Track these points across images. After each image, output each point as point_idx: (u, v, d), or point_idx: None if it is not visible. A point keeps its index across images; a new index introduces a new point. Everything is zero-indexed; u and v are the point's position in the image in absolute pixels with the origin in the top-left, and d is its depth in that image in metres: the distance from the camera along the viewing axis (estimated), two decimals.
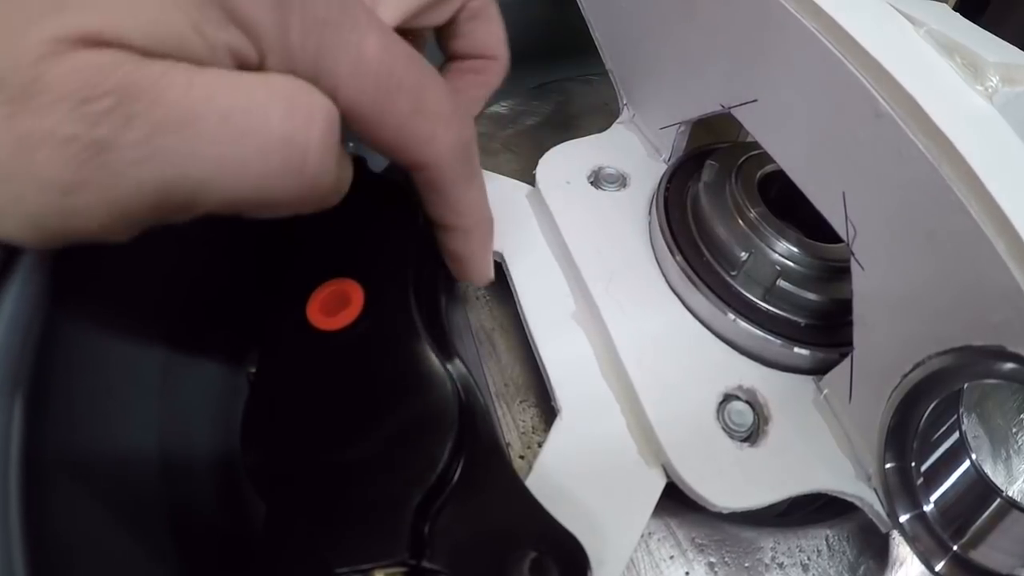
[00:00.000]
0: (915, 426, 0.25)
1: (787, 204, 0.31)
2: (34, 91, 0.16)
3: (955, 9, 0.29)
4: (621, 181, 0.38)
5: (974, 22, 0.28)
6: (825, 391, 0.29)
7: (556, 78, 0.55)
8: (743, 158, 0.33)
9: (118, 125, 0.16)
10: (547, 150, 0.39)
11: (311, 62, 0.20)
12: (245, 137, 0.18)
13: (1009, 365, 0.20)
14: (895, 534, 0.30)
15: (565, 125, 0.51)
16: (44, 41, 0.16)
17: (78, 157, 0.16)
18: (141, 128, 0.17)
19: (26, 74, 0.16)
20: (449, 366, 0.26)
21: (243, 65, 0.19)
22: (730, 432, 0.28)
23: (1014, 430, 0.34)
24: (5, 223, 0.17)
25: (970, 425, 0.30)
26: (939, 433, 0.26)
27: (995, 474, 0.33)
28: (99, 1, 0.16)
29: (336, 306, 0.28)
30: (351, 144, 0.35)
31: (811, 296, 0.29)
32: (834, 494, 0.28)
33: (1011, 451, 0.34)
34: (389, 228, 0.30)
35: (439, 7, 0.27)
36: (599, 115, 0.51)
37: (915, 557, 0.29)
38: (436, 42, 0.31)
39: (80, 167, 0.16)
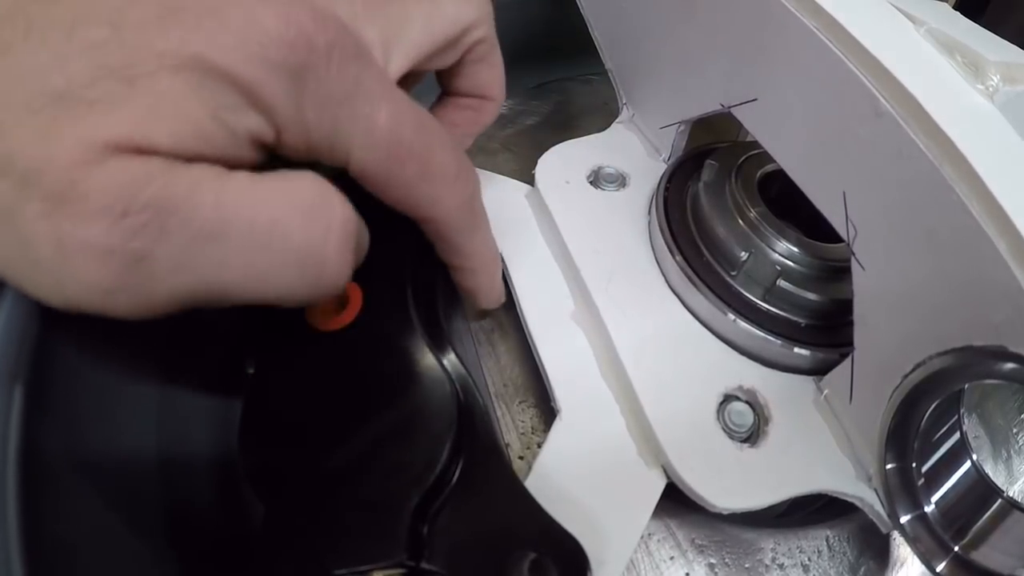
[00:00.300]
0: (916, 426, 0.24)
1: (787, 204, 0.30)
2: (72, 196, 0.16)
3: (955, 8, 0.29)
4: (620, 181, 0.37)
5: (974, 22, 0.28)
6: (825, 391, 0.29)
7: (555, 78, 0.55)
8: (743, 158, 0.33)
9: (154, 239, 0.17)
10: (546, 150, 0.39)
11: (326, 135, 0.21)
12: (267, 251, 0.19)
13: (1010, 365, 0.20)
14: (895, 535, 0.30)
15: (564, 125, 0.51)
16: (80, 145, 0.16)
17: (116, 267, 0.17)
18: (176, 242, 0.18)
19: (63, 177, 0.16)
20: (447, 367, 0.26)
21: (262, 145, 0.20)
22: (730, 433, 0.28)
23: (1015, 430, 0.34)
24: (43, 295, 0.18)
25: (971, 425, 0.30)
26: (940, 433, 0.26)
27: (996, 474, 0.33)
28: (126, 105, 0.17)
29: (335, 306, 0.28)
30: None
31: (811, 296, 0.29)
32: (835, 495, 0.27)
33: (1012, 451, 0.34)
34: (387, 228, 0.30)
35: (445, 53, 0.28)
36: (598, 115, 0.51)
37: (916, 558, 0.29)
38: (435, 77, 0.31)
39: (117, 277, 0.18)
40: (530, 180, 0.38)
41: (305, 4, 0.20)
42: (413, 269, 0.29)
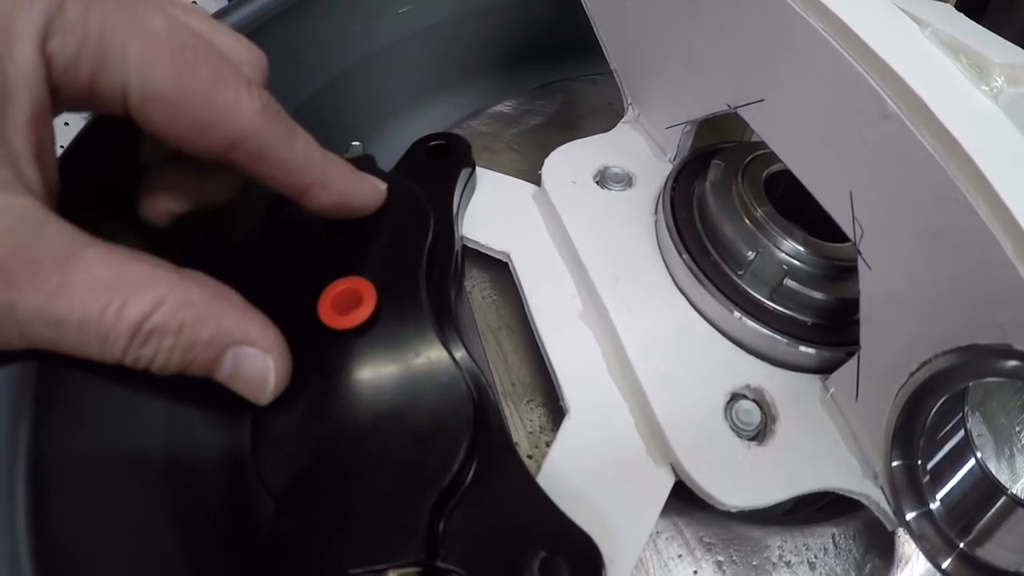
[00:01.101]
0: (921, 424, 0.25)
1: (793, 203, 0.31)
2: None
3: (956, 9, 0.29)
4: (627, 181, 0.38)
5: (975, 22, 0.28)
6: (832, 390, 0.29)
7: (559, 78, 0.55)
8: (749, 158, 0.33)
9: None
10: (551, 150, 0.39)
11: (98, 50, 0.19)
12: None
13: (1015, 363, 0.20)
14: (901, 532, 0.30)
15: (569, 125, 0.51)
16: None
17: None
18: None
19: None
20: (462, 365, 0.26)
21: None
22: (738, 431, 0.28)
23: (1017, 428, 0.34)
24: None
25: (974, 424, 0.30)
26: (944, 431, 0.26)
27: (999, 472, 0.33)
28: None
29: (348, 305, 0.28)
30: (357, 144, 0.35)
31: (818, 295, 0.30)
32: (841, 492, 0.28)
33: (1015, 449, 0.34)
34: (399, 225, 0.30)
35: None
36: (603, 115, 0.51)
37: (920, 555, 0.30)
38: None
39: None
40: (536, 180, 0.38)
41: None
42: (426, 267, 0.29)
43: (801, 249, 0.30)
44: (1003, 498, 0.26)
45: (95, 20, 0.19)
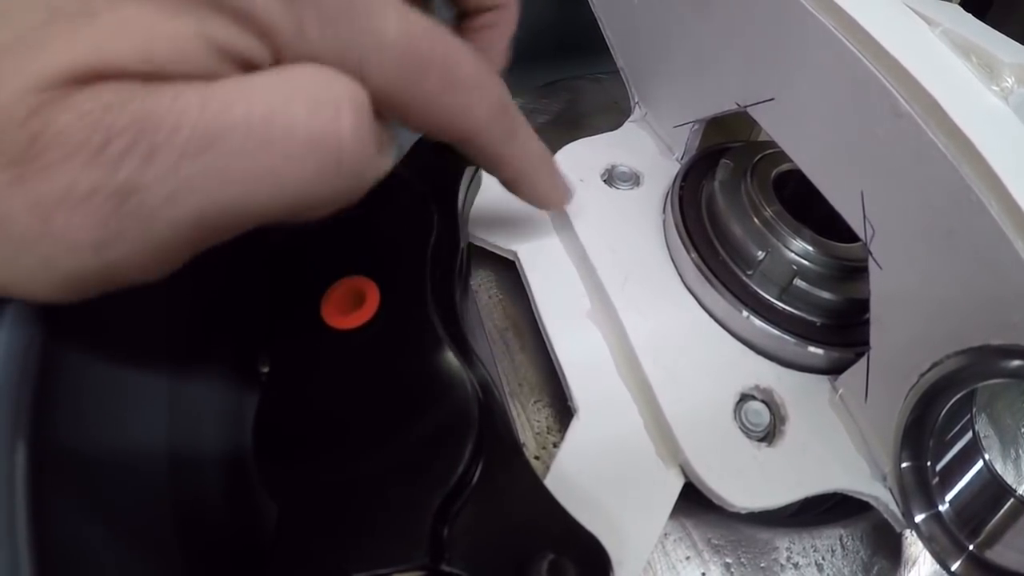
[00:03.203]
0: (931, 425, 0.25)
1: (802, 203, 0.30)
2: (39, 150, 0.14)
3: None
4: (635, 180, 0.37)
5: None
6: (841, 391, 0.29)
7: (565, 76, 0.55)
8: (758, 157, 0.33)
9: (140, 164, 0.15)
10: (557, 148, 0.39)
11: (332, 56, 0.19)
12: (272, 146, 0.17)
13: None
14: (908, 533, 0.30)
15: (575, 124, 0.51)
16: (32, 90, 0.14)
17: (103, 210, 0.15)
18: (166, 162, 0.15)
19: (23, 133, 0.14)
20: (467, 365, 0.26)
21: (256, 69, 0.18)
22: (747, 432, 0.28)
23: (1023, 430, 0.35)
24: (37, 288, 0.16)
25: (981, 425, 0.30)
26: (953, 433, 0.26)
27: (1005, 473, 0.33)
28: (85, 32, 0.15)
29: (351, 304, 0.27)
30: None
31: (828, 295, 0.29)
32: (850, 494, 0.28)
33: (1021, 451, 0.34)
34: (403, 224, 0.30)
35: None
36: (609, 114, 0.51)
37: (927, 556, 0.30)
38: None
39: (108, 220, 0.15)
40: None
41: None
42: (430, 266, 0.29)
43: (811, 249, 0.30)
44: (1011, 500, 0.26)
45: (330, 38, 0.19)
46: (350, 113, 0.18)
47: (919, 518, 0.25)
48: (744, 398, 0.29)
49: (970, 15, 0.28)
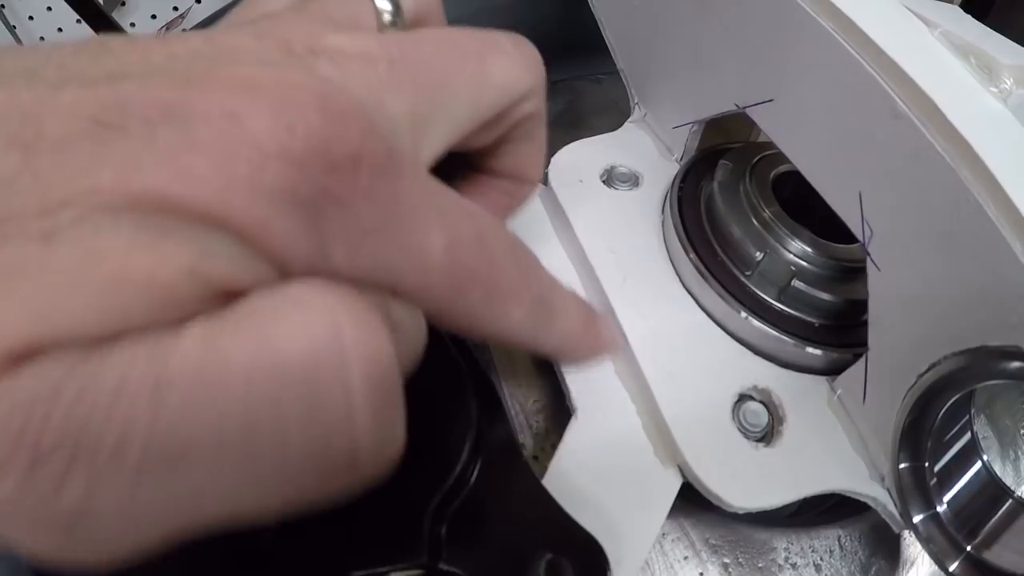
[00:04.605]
0: (929, 426, 0.25)
1: (801, 204, 0.31)
2: None
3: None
4: (634, 180, 0.38)
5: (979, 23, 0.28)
6: (839, 392, 0.29)
7: (565, 77, 0.54)
8: (757, 158, 0.33)
9: (85, 488, 0.12)
10: (556, 149, 0.39)
11: (363, 275, 0.15)
12: (258, 459, 0.13)
13: None
14: (906, 534, 0.30)
15: (574, 124, 0.51)
16: None
17: (52, 530, 0.12)
18: (117, 484, 0.12)
19: None
20: (466, 364, 0.26)
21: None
22: (745, 432, 0.28)
23: (1022, 431, 0.34)
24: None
25: (979, 426, 0.30)
26: (951, 434, 0.26)
27: (1004, 475, 0.33)
28: (33, 268, 0.11)
29: None
30: None
31: (826, 296, 0.29)
32: (848, 494, 0.28)
33: (1020, 452, 0.34)
34: None
35: (487, 132, 0.22)
36: (609, 114, 0.51)
37: (926, 557, 0.30)
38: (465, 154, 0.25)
39: (60, 539, 0.12)
40: (543, 179, 0.38)
41: (309, 85, 0.14)
42: None
43: (809, 250, 0.30)
44: (1009, 501, 0.26)
45: (364, 260, 0.15)
46: (365, 391, 0.14)
47: (917, 519, 0.25)
48: (742, 398, 0.29)
49: (969, 16, 0.29)
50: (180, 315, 0.13)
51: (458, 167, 0.25)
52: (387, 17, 0.20)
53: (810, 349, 0.29)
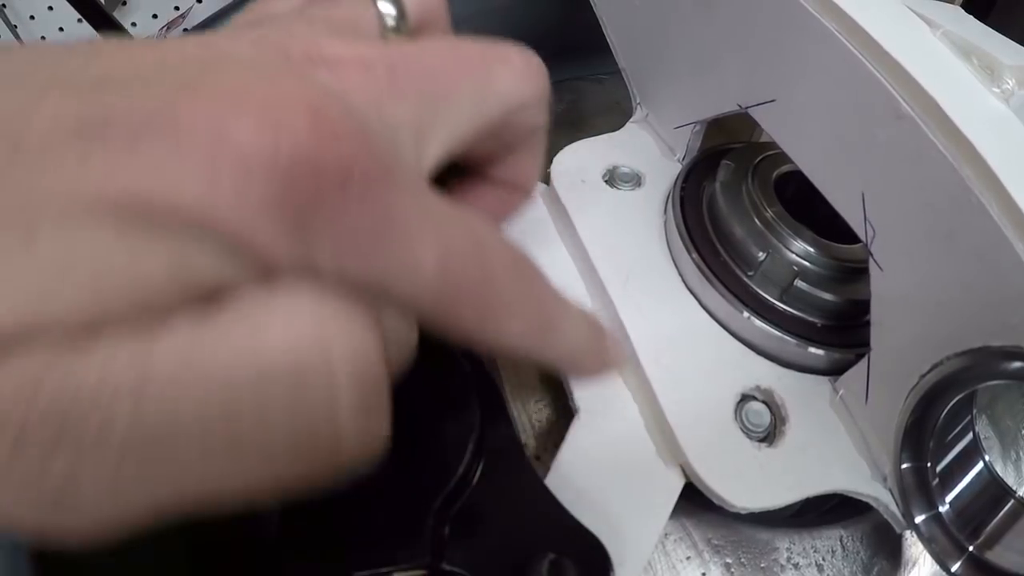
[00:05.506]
0: (931, 426, 0.25)
1: (803, 204, 0.31)
2: None
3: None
4: (636, 180, 0.38)
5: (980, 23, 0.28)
6: (841, 392, 0.29)
7: (566, 77, 0.55)
8: (759, 158, 0.33)
9: (70, 466, 0.12)
10: (558, 149, 0.39)
11: (352, 284, 0.15)
12: (239, 447, 0.14)
13: None
14: (908, 534, 0.30)
15: (576, 124, 0.51)
16: None
17: (40, 501, 0.13)
18: (101, 464, 0.13)
19: None
20: (468, 365, 0.26)
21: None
22: (748, 432, 0.28)
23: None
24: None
25: (981, 427, 0.31)
26: (953, 434, 0.26)
27: (1006, 475, 0.33)
28: (15, 262, 0.12)
29: None
30: None
31: (828, 297, 0.29)
32: (850, 494, 0.28)
33: (1021, 453, 0.34)
34: None
35: (488, 141, 0.22)
36: (610, 114, 0.51)
37: (927, 557, 0.30)
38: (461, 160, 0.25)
39: (47, 509, 0.13)
40: (545, 178, 0.38)
41: (301, 94, 0.14)
42: None
43: (811, 250, 0.30)
44: (1011, 502, 0.26)
45: (352, 270, 0.15)
46: (350, 390, 0.15)
47: (919, 519, 0.25)
48: (745, 398, 0.29)
49: (971, 17, 0.29)
50: (164, 310, 0.13)
51: (453, 171, 0.25)
52: (390, 22, 0.20)
53: (812, 349, 0.29)
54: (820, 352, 0.29)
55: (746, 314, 0.30)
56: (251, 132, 0.13)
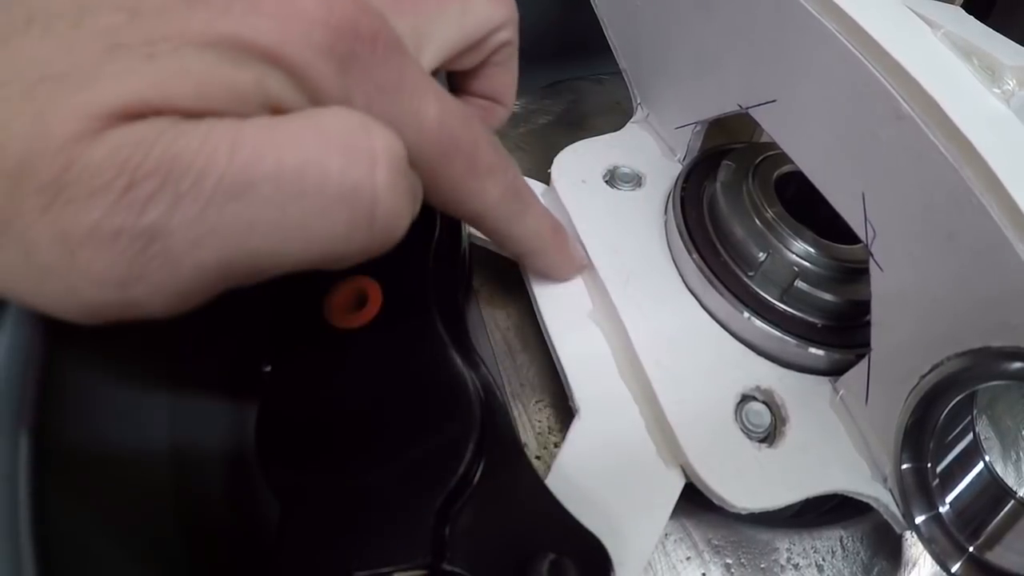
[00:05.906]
0: (932, 427, 0.25)
1: (804, 205, 0.31)
2: (68, 180, 0.14)
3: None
4: (636, 181, 0.38)
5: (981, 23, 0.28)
6: (841, 392, 0.29)
7: (567, 77, 0.55)
8: (760, 158, 0.33)
9: (166, 209, 0.15)
10: (559, 149, 0.39)
11: None
12: (303, 200, 0.17)
13: None
14: (908, 535, 0.30)
15: (577, 124, 0.51)
16: (77, 118, 0.14)
17: (128, 252, 0.15)
18: (190, 209, 0.15)
19: (56, 160, 0.14)
20: (469, 365, 0.26)
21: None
22: (748, 433, 0.28)
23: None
24: (61, 310, 0.16)
25: (981, 427, 0.31)
26: (953, 434, 0.26)
27: (1006, 475, 0.33)
28: (142, 71, 0.15)
29: (354, 304, 0.28)
30: None
31: (829, 297, 0.29)
32: (851, 495, 0.28)
33: (1021, 453, 0.34)
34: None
35: (471, 54, 0.26)
36: (611, 114, 0.51)
37: (927, 557, 0.30)
38: (445, 75, 0.30)
39: (132, 262, 0.15)
40: (545, 179, 0.38)
41: None
42: (433, 266, 0.29)
43: (812, 250, 0.30)
44: (1012, 502, 0.26)
45: (375, 114, 0.19)
46: (386, 167, 0.18)
47: (919, 519, 0.25)
48: (745, 399, 0.29)
49: (972, 17, 0.29)
50: (249, 114, 0.17)
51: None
52: None
53: (813, 350, 0.29)
54: (820, 352, 0.29)
55: (746, 314, 0.30)
56: (311, 3, 0.17)
